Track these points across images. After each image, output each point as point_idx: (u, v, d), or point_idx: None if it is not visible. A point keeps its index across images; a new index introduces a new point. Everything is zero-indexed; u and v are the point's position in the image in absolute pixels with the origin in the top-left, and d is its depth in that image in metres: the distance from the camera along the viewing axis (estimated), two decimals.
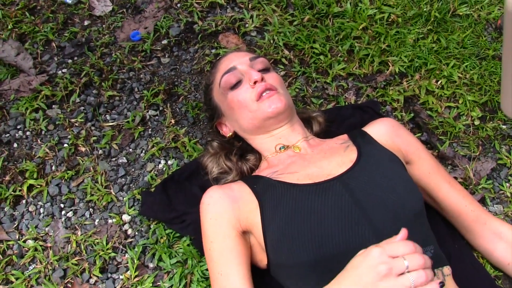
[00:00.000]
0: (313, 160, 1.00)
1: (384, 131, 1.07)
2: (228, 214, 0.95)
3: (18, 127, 1.36)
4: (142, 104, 1.41)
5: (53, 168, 1.29)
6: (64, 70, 1.47)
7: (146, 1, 1.67)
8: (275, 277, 0.96)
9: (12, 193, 1.24)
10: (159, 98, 1.42)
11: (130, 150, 1.33)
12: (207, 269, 1.10)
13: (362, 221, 0.84)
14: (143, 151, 1.32)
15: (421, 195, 0.94)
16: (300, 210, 0.87)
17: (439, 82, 1.46)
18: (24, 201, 1.24)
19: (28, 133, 1.35)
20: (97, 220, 1.21)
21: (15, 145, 1.33)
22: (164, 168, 1.28)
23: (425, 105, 1.41)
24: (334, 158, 0.98)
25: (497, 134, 1.36)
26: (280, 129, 1.06)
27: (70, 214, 1.22)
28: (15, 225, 1.21)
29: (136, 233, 1.19)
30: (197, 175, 1.21)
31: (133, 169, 1.30)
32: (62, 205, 1.24)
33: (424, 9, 1.63)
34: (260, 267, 0.99)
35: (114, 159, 1.31)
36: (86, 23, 1.59)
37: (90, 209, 1.23)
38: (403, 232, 0.74)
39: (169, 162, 1.30)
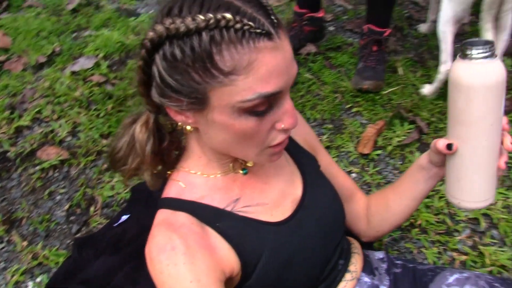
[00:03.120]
0: (268, 180, 0.83)
1: (298, 130, 0.89)
2: (214, 269, 0.72)
3: None
4: None
5: None
6: None
7: None
8: None
9: None
10: (0, 230, 1.40)
11: None
12: None
13: (330, 243, 0.89)
14: (4, 285, 1.29)
15: None
16: (291, 260, 0.79)
17: None
18: None
19: None
20: None
21: None
22: (36, 287, 1.27)
23: None
24: (287, 175, 0.86)
25: None
26: None
27: None
28: None
29: None
30: (74, 274, 1.22)
31: None
32: None
33: None
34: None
35: None
36: None
37: None
38: None
39: (38, 279, 1.29)
